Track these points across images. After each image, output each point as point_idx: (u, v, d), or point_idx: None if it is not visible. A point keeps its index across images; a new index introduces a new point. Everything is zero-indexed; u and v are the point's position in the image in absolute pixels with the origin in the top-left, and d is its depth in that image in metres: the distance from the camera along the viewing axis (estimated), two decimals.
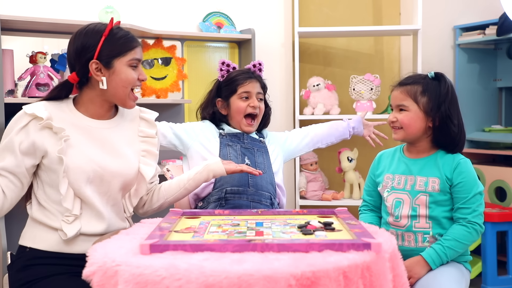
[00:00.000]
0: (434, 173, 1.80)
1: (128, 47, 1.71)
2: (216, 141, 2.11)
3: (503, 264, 3.25)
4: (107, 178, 1.70)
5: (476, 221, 1.75)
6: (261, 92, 2.18)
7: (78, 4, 3.04)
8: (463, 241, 1.74)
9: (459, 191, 1.78)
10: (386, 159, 1.94)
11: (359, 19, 3.76)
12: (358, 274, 1.23)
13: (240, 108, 2.13)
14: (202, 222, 1.60)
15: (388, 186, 1.87)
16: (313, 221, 1.56)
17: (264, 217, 1.68)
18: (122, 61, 1.70)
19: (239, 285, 1.12)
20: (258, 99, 2.15)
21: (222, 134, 2.14)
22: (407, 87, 1.83)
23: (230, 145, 2.10)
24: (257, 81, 2.17)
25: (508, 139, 3.51)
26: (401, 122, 1.83)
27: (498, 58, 3.87)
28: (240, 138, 2.14)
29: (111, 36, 1.70)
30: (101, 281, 1.24)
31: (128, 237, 1.46)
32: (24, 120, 1.65)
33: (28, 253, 1.68)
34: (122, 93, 1.71)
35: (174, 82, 3.20)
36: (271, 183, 2.09)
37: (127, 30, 1.77)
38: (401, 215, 1.82)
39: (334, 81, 3.48)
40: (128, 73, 1.71)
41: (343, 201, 3.31)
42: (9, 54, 2.66)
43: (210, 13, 3.39)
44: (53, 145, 1.64)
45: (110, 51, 1.69)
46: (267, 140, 2.22)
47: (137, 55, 1.73)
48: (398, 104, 1.84)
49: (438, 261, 1.74)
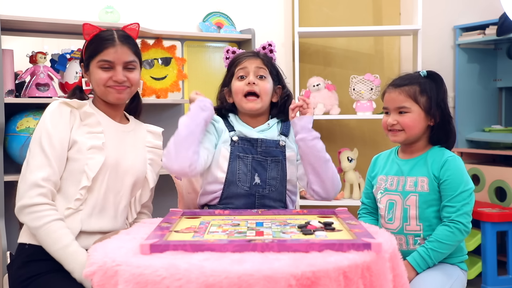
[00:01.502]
0: (422, 173, 1.79)
1: (98, 49, 1.78)
2: (227, 150, 1.85)
3: (503, 264, 3.25)
4: (120, 173, 1.78)
5: (459, 220, 1.71)
6: (263, 67, 1.89)
7: (78, 4, 3.04)
8: (446, 241, 1.71)
9: (445, 188, 1.75)
10: (381, 161, 1.94)
11: (359, 19, 3.76)
12: (358, 274, 1.23)
13: (237, 89, 1.87)
14: (202, 222, 1.60)
15: (382, 188, 1.86)
16: (313, 221, 1.56)
17: (264, 217, 1.68)
18: (93, 63, 1.80)
19: (239, 285, 1.12)
20: (257, 76, 1.87)
21: (234, 141, 1.86)
22: (405, 88, 1.80)
23: (241, 157, 1.84)
24: (257, 58, 1.90)
25: (508, 139, 3.51)
26: (403, 124, 1.80)
27: (498, 58, 3.87)
28: (254, 145, 1.86)
29: (92, 39, 1.80)
30: (101, 281, 1.25)
31: (128, 237, 1.46)
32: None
33: (27, 249, 1.70)
34: (99, 92, 1.82)
35: (174, 82, 3.20)
36: (281, 199, 1.87)
37: (118, 33, 1.82)
38: (394, 217, 1.82)
39: (334, 81, 3.48)
40: (96, 73, 1.79)
41: (343, 201, 3.31)
42: (9, 54, 2.66)
43: (210, 13, 3.39)
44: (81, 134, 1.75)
45: (87, 53, 1.81)
46: (290, 137, 1.91)
47: (106, 57, 1.78)
48: (398, 106, 1.80)
49: (423, 264, 1.72)
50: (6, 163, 2.59)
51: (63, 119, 1.72)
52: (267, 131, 1.90)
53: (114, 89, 1.79)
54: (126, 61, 1.80)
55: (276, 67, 1.97)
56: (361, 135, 3.75)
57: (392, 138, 1.84)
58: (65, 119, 1.72)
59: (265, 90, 1.87)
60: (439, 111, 1.80)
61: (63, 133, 1.71)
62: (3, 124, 2.52)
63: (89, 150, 1.72)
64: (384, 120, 1.86)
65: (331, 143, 3.68)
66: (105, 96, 1.81)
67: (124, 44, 1.80)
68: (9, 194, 2.60)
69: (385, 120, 1.85)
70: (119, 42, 1.78)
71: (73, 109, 1.75)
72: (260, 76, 1.88)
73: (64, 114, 1.73)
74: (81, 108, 1.76)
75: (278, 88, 1.95)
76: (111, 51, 1.77)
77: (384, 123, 1.85)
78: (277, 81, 1.95)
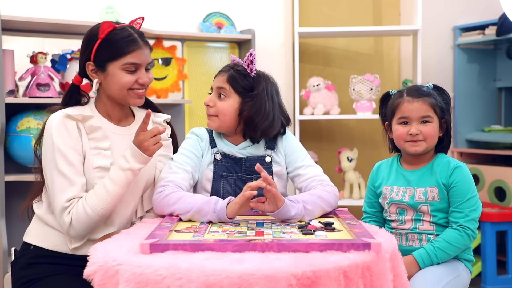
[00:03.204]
0: (431, 183, 1.80)
1: (124, 51, 1.66)
2: (210, 170, 1.80)
3: (502, 264, 3.25)
4: (130, 186, 1.69)
5: (468, 226, 1.75)
6: (222, 87, 1.79)
7: (79, 4, 3.05)
8: (454, 243, 1.74)
9: (453, 194, 1.78)
10: (384, 170, 1.93)
11: (359, 19, 3.77)
12: (358, 274, 1.23)
13: None
14: (203, 222, 1.60)
15: (387, 198, 1.87)
16: (313, 221, 1.57)
17: (265, 217, 1.68)
18: (116, 65, 1.67)
19: (239, 285, 1.13)
20: (217, 95, 1.80)
21: (217, 159, 1.80)
22: (426, 98, 1.81)
23: (225, 176, 1.79)
24: (224, 74, 1.80)
25: (508, 139, 3.51)
26: (426, 134, 1.79)
27: (497, 58, 3.87)
28: (238, 163, 1.80)
29: (108, 38, 1.66)
30: (102, 281, 1.25)
31: (129, 237, 1.46)
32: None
33: (32, 250, 1.69)
34: (119, 95, 1.70)
35: (175, 82, 3.20)
36: None
37: (136, 30, 1.72)
38: (405, 220, 1.83)
39: (334, 81, 3.48)
40: (121, 76, 1.67)
41: (343, 201, 3.31)
42: (10, 54, 2.66)
43: (210, 13, 3.39)
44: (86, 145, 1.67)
45: (104, 54, 1.67)
46: (277, 151, 1.85)
47: (134, 59, 1.67)
48: (422, 115, 1.79)
49: (428, 261, 1.73)
50: (6, 163, 2.59)
51: (71, 134, 1.64)
52: (250, 147, 1.82)
53: (135, 93, 1.70)
54: (148, 62, 1.73)
55: (248, 81, 1.79)
56: (361, 135, 3.75)
57: (412, 148, 1.81)
58: (73, 134, 1.65)
59: (222, 110, 1.77)
60: (446, 121, 1.85)
61: (76, 147, 1.64)
62: (4, 124, 2.52)
63: (96, 169, 1.66)
64: (403, 131, 1.81)
65: (331, 143, 3.69)
66: (124, 99, 1.71)
67: (146, 45, 1.72)
68: (10, 194, 2.61)
69: (405, 131, 1.81)
70: (142, 43, 1.70)
71: (78, 122, 1.67)
72: (220, 94, 1.79)
73: (71, 129, 1.65)
74: (86, 122, 1.68)
75: (249, 102, 1.79)
76: (138, 53, 1.68)
77: (404, 134, 1.81)
78: (248, 96, 1.79)
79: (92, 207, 1.60)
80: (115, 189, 1.62)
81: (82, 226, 1.61)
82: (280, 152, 1.85)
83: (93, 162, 1.66)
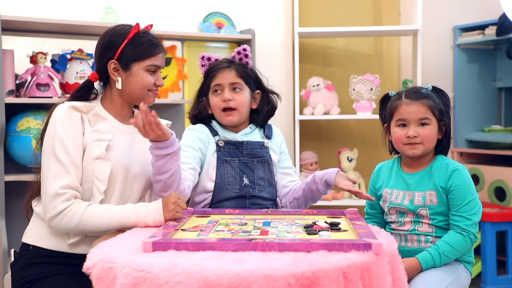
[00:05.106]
0: (429, 186, 1.79)
1: (150, 53, 1.75)
2: (214, 158, 1.90)
3: (502, 264, 3.25)
4: (130, 180, 1.74)
5: (470, 230, 1.74)
6: (237, 81, 1.91)
7: (79, 4, 3.05)
8: (457, 248, 1.74)
9: (452, 198, 1.77)
10: (385, 173, 1.92)
11: (359, 19, 3.77)
12: (358, 275, 1.23)
13: (214, 105, 1.92)
14: (210, 221, 1.61)
15: (387, 201, 1.87)
16: (320, 221, 1.57)
17: (273, 216, 1.68)
18: (141, 66, 1.75)
19: (238, 283, 1.13)
20: (232, 89, 1.90)
21: (220, 146, 1.91)
22: (425, 100, 1.79)
23: (228, 161, 1.90)
24: (231, 70, 1.92)
25: (508, 139, 3.51)
26: (423, 137, 1.78)
27: (497, 58, 3.87)
28: (239, 148, 1.92)
29: (135, 40, 1.75)
30: (100, 274, 1.26)
31: (133, 236, 1.47)
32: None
33: (31, 251, 1.69)
34: (139, 94, 1.77)
35: (174, 82, 3.20)
36: (271, 198, 1.95)
37: (155, 35, 1.81)
38: (404, 222, 1.83)
39: (334, 81, 3.49)
40: (145, 77, 1.75)
41: (343, 201, 3.32)
42: (10, 54, 2.66)
43: (210, 13, 3.39)
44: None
45: (131, 54, 1.74)
46: (273, 140, 2.00)
47: (157, 62, 1.77)
48: (420, 117, 1.78)
49: (431, 263, 1.73)
50: (6, 163, 2.59)
51: (74, 124, 1.67)
52: (249, 134, 1.97)
53: (153, 93, 1.79)
54: (163, 66, 1.84)
55: (252, 73, 1.96)
56: (361, 135, 3.75)
57: (410, 151, 1.80)
58: (76, 125, 1.67)
59: (241, 103, 1.91)
60: (445, 123, 1.83)
61: (76, 138, 1.66)
62: (4, 124, 2.52)
63: (96, 160, 1.68)
64: (401, 133, 1.80)
65: (331, 143, 3.68)
66: (142, 98, 1.76)
67: (164, 50, 1.82)
68: (10, 194, 2.61)
69: (403, 133, 1.80)
70: (162, 48, 1.80)
71: (82, 114, 1.70)
72: (235, 88, 1.91)
73: (74, 120, 1.67)
74: (90, 112, 1.71)
75: (257, 93, 1.98)
76: (160, 57, 1.78)
77: (402, 136, 1.80)
78: (254, 87, 1.97)
79: (87, 220, 1.61)
80: (115, 224, 1.62)
81: (67, 225, 1.61)
82: (276, 142, 2.02)
83: (94, 153, 1.68)
